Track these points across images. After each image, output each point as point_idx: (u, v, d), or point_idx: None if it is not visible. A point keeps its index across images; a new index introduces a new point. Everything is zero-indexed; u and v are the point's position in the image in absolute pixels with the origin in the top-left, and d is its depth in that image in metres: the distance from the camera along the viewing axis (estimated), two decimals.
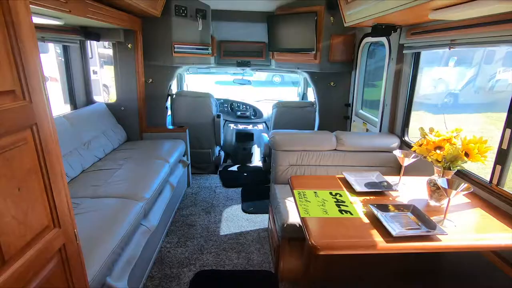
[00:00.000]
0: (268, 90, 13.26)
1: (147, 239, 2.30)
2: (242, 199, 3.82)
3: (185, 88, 5.36)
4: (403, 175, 2.06)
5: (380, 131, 3.10)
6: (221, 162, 4.80)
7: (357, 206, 1.74)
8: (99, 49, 8.86)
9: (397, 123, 2.87)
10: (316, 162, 2.79)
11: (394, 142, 2.77)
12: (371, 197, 1.85)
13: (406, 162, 1.94)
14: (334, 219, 1.60)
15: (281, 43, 3.97)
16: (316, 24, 3.50)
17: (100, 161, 3.08)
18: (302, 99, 5.44)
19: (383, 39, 2.96)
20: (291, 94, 7.14)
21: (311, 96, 5.42)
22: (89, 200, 2.22)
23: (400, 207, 1.69)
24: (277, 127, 4.18)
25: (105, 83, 9.11)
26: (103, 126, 3.44)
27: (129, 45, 3.51)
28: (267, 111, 5.41)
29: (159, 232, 2.76)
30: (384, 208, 1.67)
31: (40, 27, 2.53)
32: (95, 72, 9.08)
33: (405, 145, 2.75)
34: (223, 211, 3.54)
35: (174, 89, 4.44)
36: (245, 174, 4.66)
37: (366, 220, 1.60)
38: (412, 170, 2.21)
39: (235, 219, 3.38)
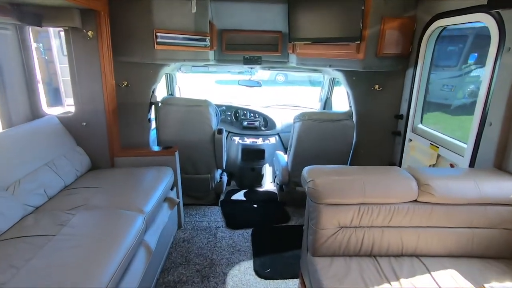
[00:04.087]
0: (273, 90, 12.12)
1: None
2: (254, 251, 2.71)
3: (177, 93, 4.22)
4: None
5: (471, 164, 1.99)
6: (224, 189, 3.68)
7: None
8: None
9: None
10: (384, 221, 1.68)
11: None
12: None
13: None
14: None
15: (307, 31, 2.84)
16: (363, 2, 2.39)
17: (34, 213, 1.95)
18: (325, 105, 4.32)
19: (484, 18, 1.86)
20: (306, 97, 6.01)
21: (335, 101, 4.34)
22: None
23: None
24: (299, 147, 3.03)
25: None
26: (52, 152, 2.32)
27: (89, 33, 2.39)
28: (280, 120, 4.29)
29: None
30: None
31: None
32: None
33: None
34: (227, 274, 2.44)
35: (161, 94, 3.29)
36: (255, 205, 3.54)
37: None
38: None
39: None
